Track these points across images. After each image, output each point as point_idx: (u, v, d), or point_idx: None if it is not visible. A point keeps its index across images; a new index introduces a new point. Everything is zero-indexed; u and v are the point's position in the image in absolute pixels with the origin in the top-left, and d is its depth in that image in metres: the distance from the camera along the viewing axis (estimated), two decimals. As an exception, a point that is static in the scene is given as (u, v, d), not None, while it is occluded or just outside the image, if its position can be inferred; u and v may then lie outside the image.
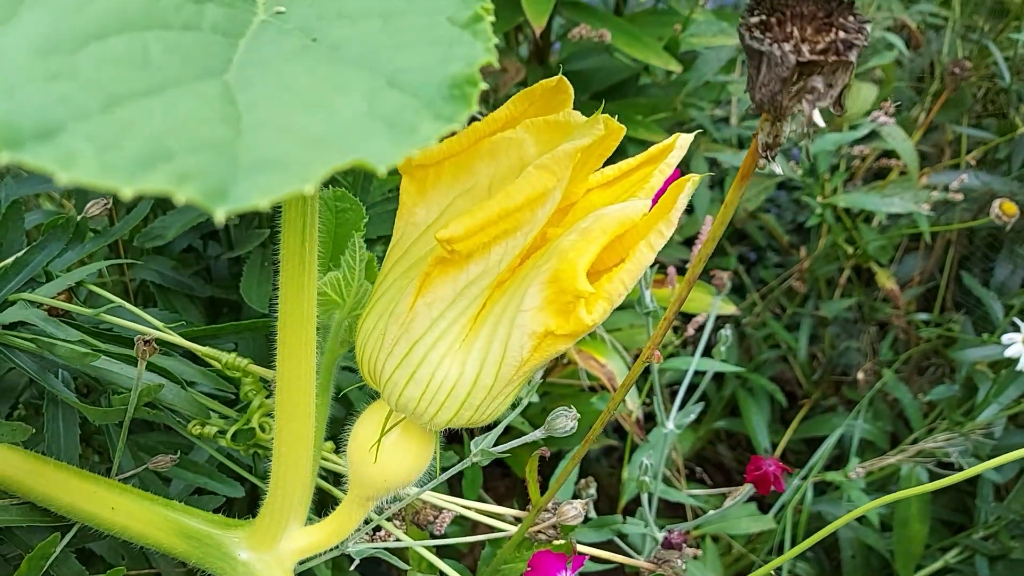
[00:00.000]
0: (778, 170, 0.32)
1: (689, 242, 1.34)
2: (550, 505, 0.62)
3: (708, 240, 0.38)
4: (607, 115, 0.46)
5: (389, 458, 0.49)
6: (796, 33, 0.28)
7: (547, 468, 0.92)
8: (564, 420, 0.53)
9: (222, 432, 0.59)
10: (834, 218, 1.29)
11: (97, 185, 0.18)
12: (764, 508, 1.31)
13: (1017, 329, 1.14)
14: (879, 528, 1.34)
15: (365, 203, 0.63)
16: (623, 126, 0.48)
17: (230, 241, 0.86)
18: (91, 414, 0.55)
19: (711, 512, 0.86)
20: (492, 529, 0.68)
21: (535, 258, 0.47)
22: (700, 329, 1.03)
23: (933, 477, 1.31)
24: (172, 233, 0.75)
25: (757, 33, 0.29)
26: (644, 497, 0.76)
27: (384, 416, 0.49)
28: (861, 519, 1.35)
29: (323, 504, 0.65)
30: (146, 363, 0.54)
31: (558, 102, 0.47)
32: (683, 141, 0.51)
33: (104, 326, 0.61)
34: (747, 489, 0.69)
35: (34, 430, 0.51)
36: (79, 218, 0.63)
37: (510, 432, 1.31)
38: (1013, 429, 1.27)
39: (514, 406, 0.55)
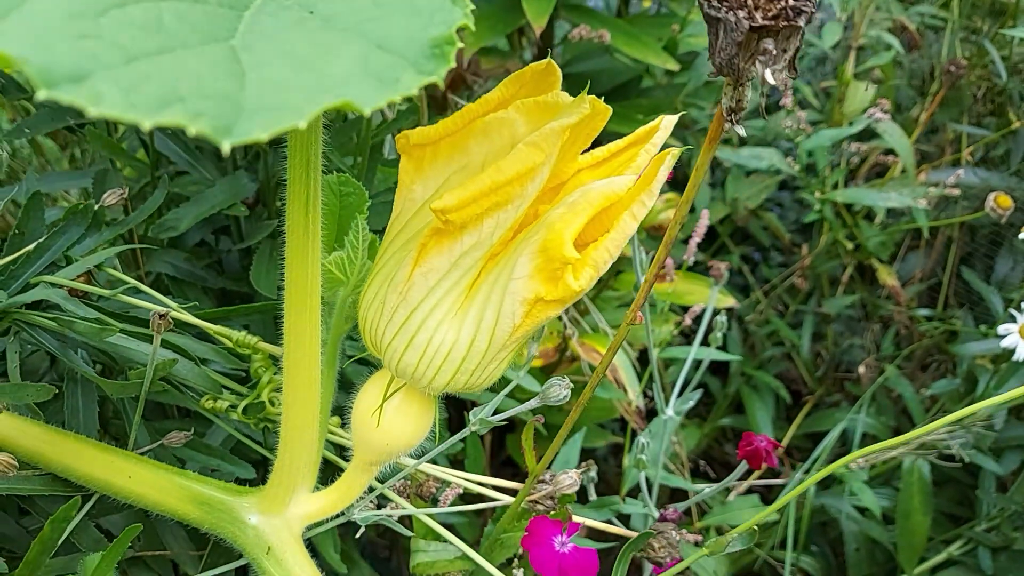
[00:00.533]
0: (742, 132, 0.35)
1: (685, 241, 1.37)
2: (547, 476, 0.64)
3: (683, 202, 0.40)
4: (593, 95, 0.49)
5: (391, 423, 0.52)
6: (750, 1, 0.31)
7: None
8: (558, 389, 0.56)
9: (233, 406, 0.62)
10: (834, 214, 1.31)
11: (121, 118, 0.21)
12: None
13: (1014, 320, 1.16)
14: (882, 521, 1.36)
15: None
16: (609, 107, 0.51)
17: (241, 235, 0.89)
18: (109, 388, 0.58)
19: (707, 489, 0.88)
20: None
21: (526, 231, 0.49)
22: (698, 320, 1.06)
23: (934, 468, 1.32)
24: (185, 224, 0.78)
25: (715, 1, 0.31)
26: (642, 477, 0.79)
27: (386, 383, 0.52)
28: (864, 512, 1.37)
29: (330, 478, 0.67)
30: (161, 340, 0.57)
31: (547, 84, 0.50)
32: (667, 122, 0.54)
33: (121, 307, 0.64)
34: (742, 467, 0.72)
35: (56, 390, 0.54)
36: (96, 207, 0.66)
37: (515, 428, 1.33)
38: (1014, 422, 1.29)
39: (507, 382, 0.58)
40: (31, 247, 0.63)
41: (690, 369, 0.98)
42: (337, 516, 0.61)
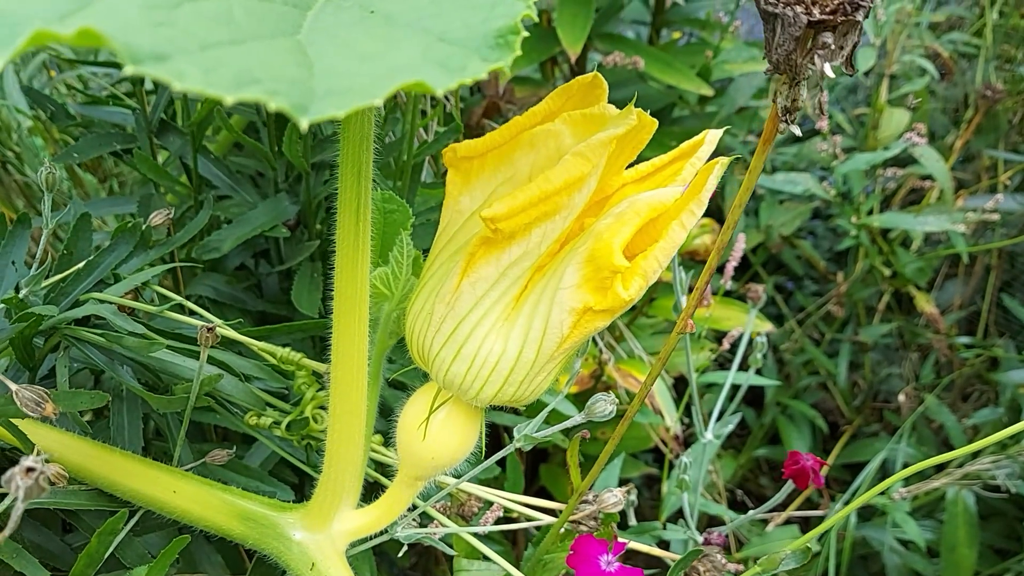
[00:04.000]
0: (797, 132, 0.35)
1: (721, 268, 1.36)
2: (590, 496, 0.64)
3: (735, 207, 0.40)
4: (640, 108, 0.49)
5: (437, 436, 0.52)
6: (808, -4, 0.31)
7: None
8: (603, 404, 0.55)
9: (277, 423, 0.62)
10: (870, 241, 1.30)
11: (203, 93, 0.22)
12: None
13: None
14: (926, 554, 1.33)
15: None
16: (655, 119, 0.51)
17: (281, 257, 0.90)
18: (155, 402, 0.59)
19: (745, 516, 0.87)
20: (535, 529, 0.70)
21: (573, 243, 0.49)
22: (734, 347, 1.05)
23: (979, 500, 1.29)
24: (228, 245, 0.79)
25: (772, -3, 0.32)
26: (684, 500, 0.78)
27: (432, 396, 0.52)
28: (907, 544, 1.34)
29: (372, 497, 0.67)
30: (207, 356, 0.58)
31: (593, 97, 0.50)
32: (712, 136, 0.54)
33: (166, 326, 0.65)
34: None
35: (109, 397, 0.54)
36: (144, 226, 0.67)
37: (553, 457, 1.32)
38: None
39: (556, 391, 0.58)
40: (80, 265, 0.64)
41: (726, 397, 0.97)
42: (380, 534, 0.60)
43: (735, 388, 0.98)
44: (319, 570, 0.55)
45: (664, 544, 0.91)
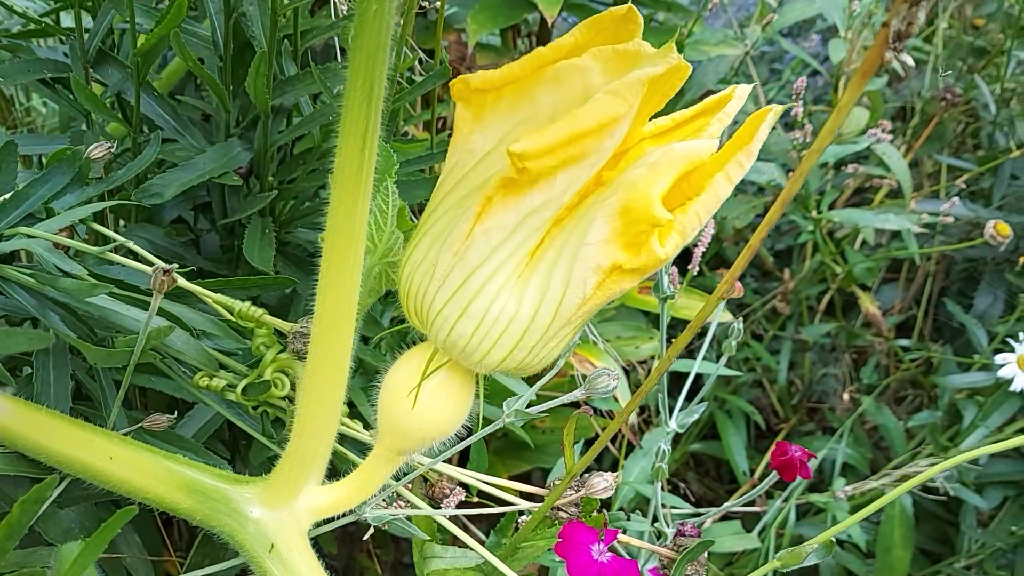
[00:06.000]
0: (909, 61, 0.30)
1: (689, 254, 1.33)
2: (573, 482, 0.58)
3: (813, 151, 0.35)
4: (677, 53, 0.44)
5: (429, 404, 0.46)
6: None
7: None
8: (607, 379, 0.50)
9: (231, 386, 0.54)
10: (823, 237, 1.29)
11: None
12: (747, 528, 1.29)
13: (1012, 349, 1.14)
14: (861, 554, 1.33)
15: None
16: (689, 64, 0.46)
17: (225, 211, 0.82)
18: (93, 355, 0.51)
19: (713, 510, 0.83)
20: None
21: (596, 195, 0.44)
22: (700, 335, 1.01)
23: (917, 503, 1.30)
24: (171, 191, 0.71)
25: None
26: (656, 487, 0.73)
27: (425, 359, 0.46)
28: (843, 544, 1.33)
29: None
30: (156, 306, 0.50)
31: (626, 32, 0.45)
32: (742, 91, 0.49)
33: (106, 271, 0.57)
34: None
35: (54, 338, 0.46)
36: (83, 156, 0.59)
37: (506, 438, 1.27)
38: (999, 457, 1.27)
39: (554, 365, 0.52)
40: (7, 195, 0.55)
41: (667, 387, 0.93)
42: (344, 515, 0.54)
43: (681, 377, 0.94)
44: (279, 552, 0.48)
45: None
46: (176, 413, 0.62)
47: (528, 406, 0.53)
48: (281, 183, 0.79)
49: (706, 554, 0.64)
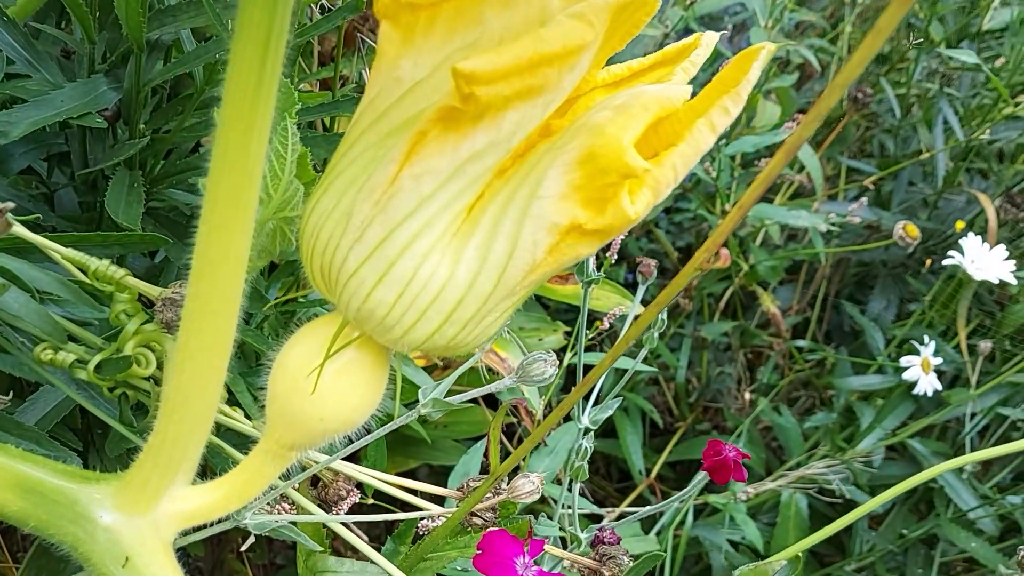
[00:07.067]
0: None
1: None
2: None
3: (826, 94, 0.29)
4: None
5: (334, 389, 0.37)
6: None
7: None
8: (542, 365, 0.43)
9: (82, 362, 0.44)
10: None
11: None
12: (645, 530, 1.25)
13: (909, 352, 1.14)
14: (753, 556, 1.31)
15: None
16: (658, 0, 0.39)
17: (86, 161, 0.70)
18: (-102, 317, 0.40)
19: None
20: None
21: (547, 143, 0.37)
22: (612, 327, 0.96)
23: (812, 504, 1.29)
24: (19, 131, 0.59)
25: None
26: (575, 487, 0.67)
27: (330, 334, 0.37)
28: (737, 546, 1.31)
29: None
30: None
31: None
32: (709, 38, 0.44)
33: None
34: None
35: None
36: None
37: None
38: (894, 459, 1.27)
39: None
40: None
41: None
42: (218, 521, 0.45)
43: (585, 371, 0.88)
44: (135, 567, 0.39)
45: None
46: (13, 395, 0.51)
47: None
48: (155, 132, 0.68)
49: (626, 559, 0.58)
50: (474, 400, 1.18)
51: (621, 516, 1.30)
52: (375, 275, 0.34)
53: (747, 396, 1.32)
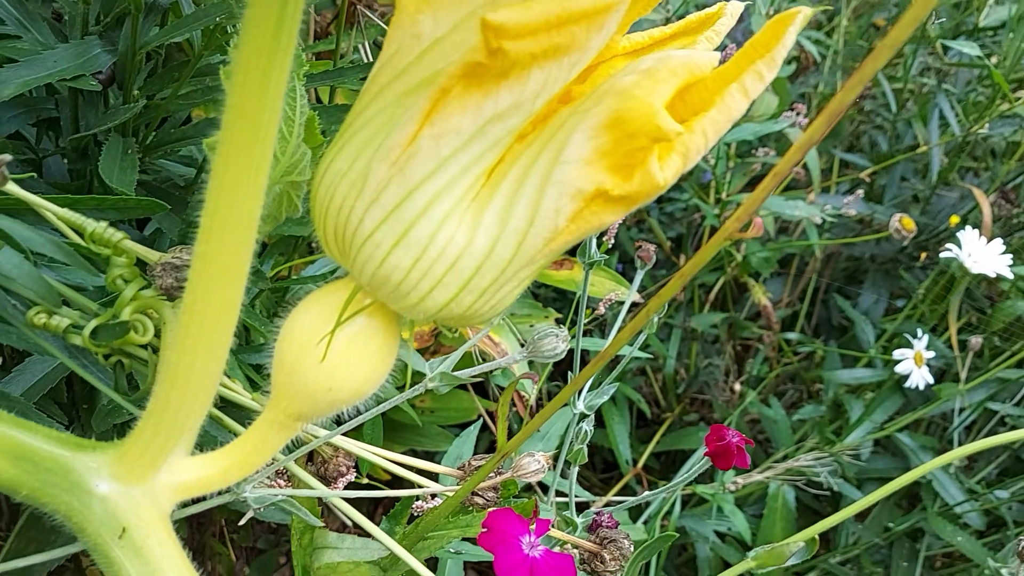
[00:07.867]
0: None
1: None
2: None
3: (855, 81, 0.28)
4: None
5: (344, 357, 0.36)
6: None
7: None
8: (553, 340, 0.42)
9: (76, 328, 0.43)
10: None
11: None
12: (632, 519, 1.24)
13: (899, 346, 1.13)
14: (740, 548, 1.30)
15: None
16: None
17: (77, 126, 0.68)
18: None
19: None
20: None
21: (570, 108, 0.35)
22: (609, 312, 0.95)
23: (800, 496, 1.28)
24: (9, 91, 0.57)
25: None
26: (573, 473, 0.66)
27: (341, 300, 0.36)
28: (724, 536, 1.30)
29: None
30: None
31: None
32: (734, 7, 0.42)
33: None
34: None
35: None
36: None
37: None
38: (881, 452, 1.27)
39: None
40: None
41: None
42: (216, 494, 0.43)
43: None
44: (132, 539, 0.37)
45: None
46: (2, 363, 0.49)
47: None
48: (150, 98, 0.67)
49: (627, 543, 0.58)
50: (462, 386, 1.17)
51: (608, 505, 1.29)
52: (391, 239, 0.33)
53: (737, 387, 1.31)
